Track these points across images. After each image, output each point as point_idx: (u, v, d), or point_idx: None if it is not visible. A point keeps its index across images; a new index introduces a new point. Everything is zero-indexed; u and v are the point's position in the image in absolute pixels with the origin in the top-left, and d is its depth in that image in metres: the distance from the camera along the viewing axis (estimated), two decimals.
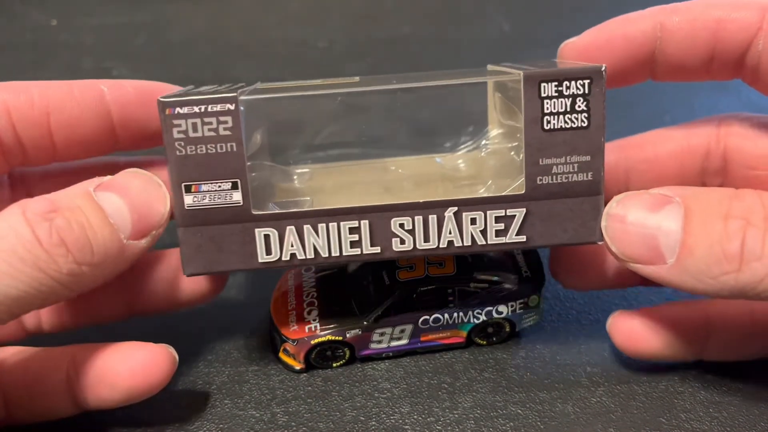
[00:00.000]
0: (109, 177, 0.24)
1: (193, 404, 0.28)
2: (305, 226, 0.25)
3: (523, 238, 0.25)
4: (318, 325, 0.29)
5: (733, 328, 0.27)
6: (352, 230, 0.25)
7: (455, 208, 0.25)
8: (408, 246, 0.25)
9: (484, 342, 0.31)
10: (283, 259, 0.25)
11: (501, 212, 0.25)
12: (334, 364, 0.30)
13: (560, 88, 0.24)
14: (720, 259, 0.22)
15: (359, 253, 0.25)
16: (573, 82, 0.23)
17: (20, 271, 0.21)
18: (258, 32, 0.81)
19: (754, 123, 0.28)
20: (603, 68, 0.24)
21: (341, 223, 0.25)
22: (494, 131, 0.30)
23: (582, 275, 0.29)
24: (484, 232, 0.25)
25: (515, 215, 0.25)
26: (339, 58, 0.72)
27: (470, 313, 0.29)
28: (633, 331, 0.27)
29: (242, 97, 0.24)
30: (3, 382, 0.25)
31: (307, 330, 0.29)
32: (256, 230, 0.25)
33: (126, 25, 0.83)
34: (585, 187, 0.24)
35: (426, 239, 0.25)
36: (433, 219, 0.25)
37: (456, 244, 0.25)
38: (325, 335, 0.29)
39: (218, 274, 0.28)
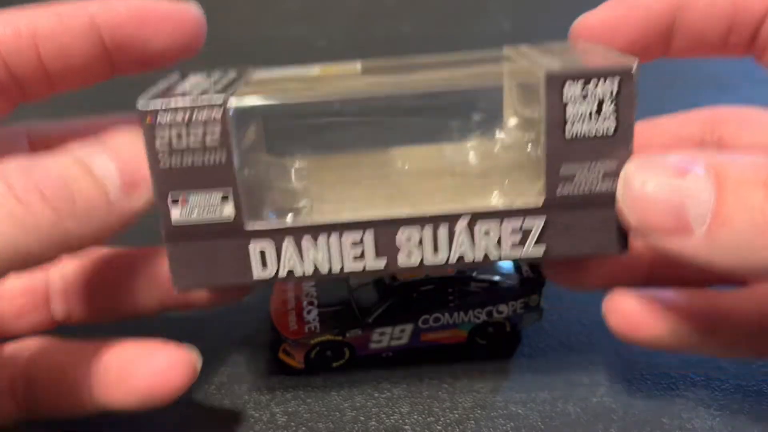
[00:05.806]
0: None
1: (191, 405, 0.28)
2: (304, 239, 0.23)
3: (540, 250, 0.23)
4: (317, 324, 0.29)
5: (743, 322, 0.25)
6: (354, 244, 0.23)
7: (468, 218, 0.23)
8: (415, 260, 0.23)
9: (485, 342, 0.30)
10: (280, 275, 0.23)
11: (518, 223, 0.23)
12: (334, 364, 0.30)
13: (586, 89, 0.21)
14: (764, 230, 0.19)
15: (362, 268, 0.23)
16: (600, 81, 0.21)
17: None
18: (257, 31, 0.81)
19: (746, 112, 0.28)
20: (634, 66, 0.21)
21: (344, 235, 0.23)
22: (510, 121, 0.28)
23: (582, 270, 0.27)
24: (498, 245, 0.23)
25: (533, 227, 0.23)
26: (338, 56, 0.71)
27: (471, 312, 0.29)
28: (632, 312, 0.24)
29: (231, 105, 0.22)
30: (28, 374, 0.25)
31: (306, 330, 0.29)
32: (251, 245, 0.23)
33: None
34: (609, 198, 0.22)
35: (435, 252, 0.23)
36: (443, 231, 0.23)
37: (467, 259, 0.23)
38: (324, 335, 0.29)
39: (211, 288, 0.26)
